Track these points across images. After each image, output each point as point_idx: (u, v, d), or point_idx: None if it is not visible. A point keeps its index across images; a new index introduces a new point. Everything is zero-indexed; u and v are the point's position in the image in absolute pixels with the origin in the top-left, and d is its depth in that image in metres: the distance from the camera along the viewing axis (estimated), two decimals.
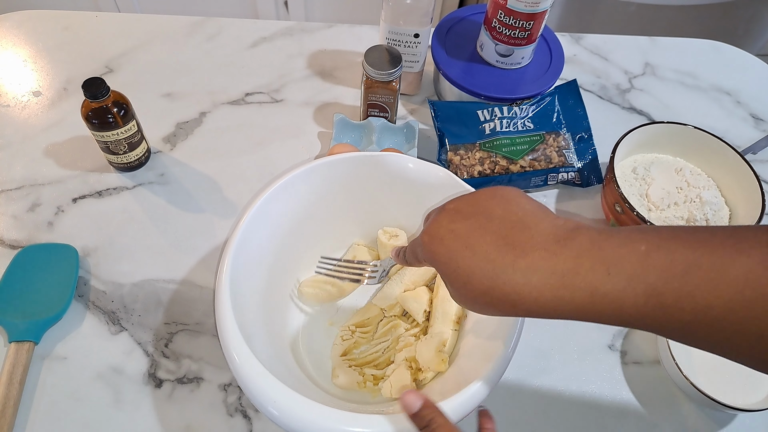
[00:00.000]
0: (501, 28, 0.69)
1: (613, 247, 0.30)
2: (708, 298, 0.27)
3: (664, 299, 0.28)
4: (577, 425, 0.54)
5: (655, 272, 0.29)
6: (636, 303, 0.29)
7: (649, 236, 0.30)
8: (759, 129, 0.82)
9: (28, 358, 0.53)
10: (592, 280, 0.30)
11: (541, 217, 0.34)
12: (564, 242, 0.32)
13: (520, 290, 0.32)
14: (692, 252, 0.28)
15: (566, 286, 0.31)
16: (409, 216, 0.58)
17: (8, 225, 0.64)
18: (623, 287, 0.29)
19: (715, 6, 1.28)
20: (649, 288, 0.29)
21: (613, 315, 0.30)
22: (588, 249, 0.31)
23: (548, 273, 0.31)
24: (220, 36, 0.86)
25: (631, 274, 0.29)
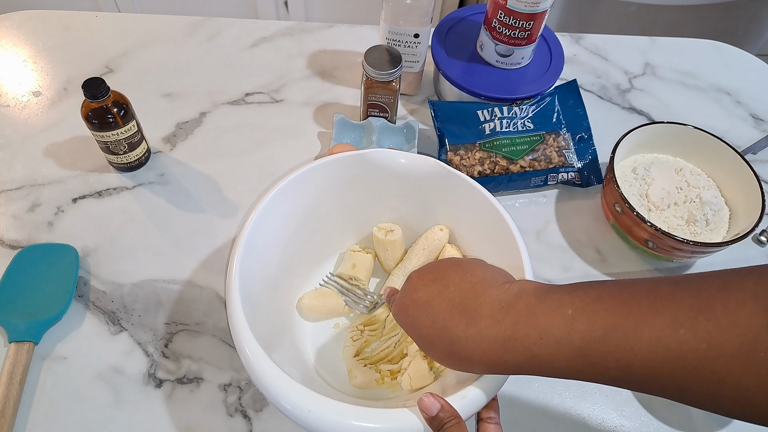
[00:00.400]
0: (501, 28, 0.69)
1: (545, 313, 0.34)
2: (627, 357, 0.30)
3: (590, 359, 0.32)
4: (577, 425, 0.54)
5: (578, 336, 0.32)
6: (567, 363, 0.33)
7: (577, 300, 0.33)
8: (759, 129, 0.82)
9: (28, 358, 0.53)
10: (528, 345, 0.34)
11: (489, 284, 0.38)
12: (506, 309, 0.36)
13: (473, 355, 0.36)
14: (611, 315, 0.31)
15: (508, 351, 0.35)
16: (408, 209, 0.59)
17: (8, 225, 0.64)
18: (554, 350, 0.33)
19: (715, 6, 1.28)
20: (575, 350, 0.32)
21: (551, 373, 0.34)
22: (525, 316, 0.35)
23: (493, 340, 0.35)
24: (220, 36, 0.86)
25: (559, 338, 0.33)
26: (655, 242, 0.60)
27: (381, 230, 0.58)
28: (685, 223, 0.63)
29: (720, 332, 0.28)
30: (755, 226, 0.60)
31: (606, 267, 0.65)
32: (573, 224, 0.69)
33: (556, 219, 0.69)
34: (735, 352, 0.27)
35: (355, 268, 0.58)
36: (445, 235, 0.58)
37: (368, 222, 0.60)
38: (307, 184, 0.54)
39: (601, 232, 0.68)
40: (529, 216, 0.69)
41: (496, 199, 0.52)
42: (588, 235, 0.68)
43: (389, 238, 0.57)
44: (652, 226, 0.59)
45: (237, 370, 0.55)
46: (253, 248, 0.48)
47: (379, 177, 0.56)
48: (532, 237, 0.67)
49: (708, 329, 0.28)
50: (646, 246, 0.62)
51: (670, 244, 0.59)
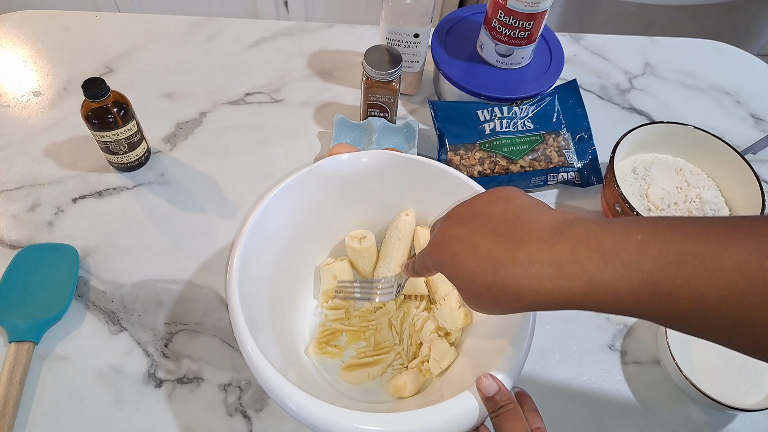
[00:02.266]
0: (501, 28, 0.69)
1: (610, 237, 0.31)
2: (702, 286, 0.28)
3: (659, 287, 0.29)
4: (577, 425, 0.54)
5: (650, 261, 0.29)
6: (633, 291, 0.30)
7: (646, 226, 0.30)
8: (759, 129, 0.82)
9: (28, 358, 0.53)
10: (590, 268, 0.31)
11: (538, 211, 0.35)
12: (561, 233, 0.32)
13: (521, 281, 0.32)
14: (687, 241, 0.29)
15: (564, 275, 0.31)
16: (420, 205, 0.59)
17: (8, 225, 0.64)
18: (620, 275, 0.30)
19: (715, 6, 1.28)
20: (645, 276, 0.29)
21: (611, 303, 0.31)
22: (585, 238, 0.31)
23: (546, 263, 0.32)
24: (220, 36, 0.86)
25: (627, 262, 0.30)
26: None
27: (354, 239, 0.57)
28: None
29: None
30: None
31: None
32: None
33: None
34: None
35: (337, 279, 0.57)
36: (411, 218, 0.58)
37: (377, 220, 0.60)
38: (305, 186, 0.54)
39: None
40: None
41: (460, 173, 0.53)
42: None
43: (364, 245, 0.56)
44: None
45: (237, 370, 0.55)
46: (252, 249, 0.48)
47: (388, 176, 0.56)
48: None
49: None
50: None
51: None
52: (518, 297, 0.33)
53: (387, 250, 0.57)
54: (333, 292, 0.56)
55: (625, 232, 0.31)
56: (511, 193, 0.38)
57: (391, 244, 0.57)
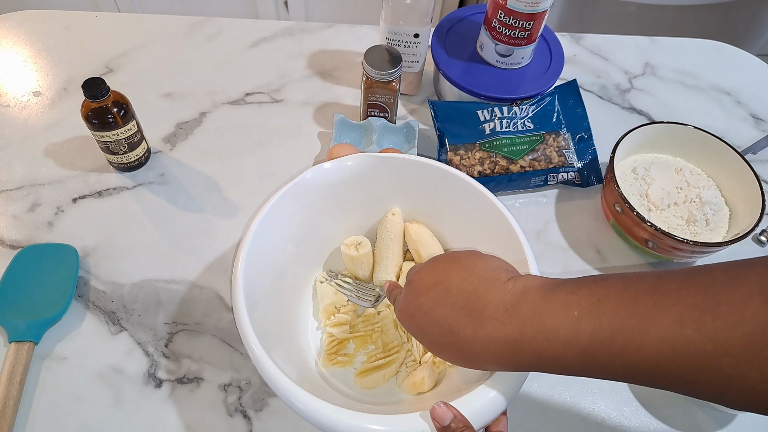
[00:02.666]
0: (501, 28, 0.69)
1: (551, 314, 0.34)
2: (634, 357, 0.31)
3: (597, 359, 0.32)
4: (577, 426, 0.54)
5: (585, 336, 0.32)
6: (575, 362, 0.33)
7: (582, 299, 0.33)
8: (759, 129, 0.82)
9: (28, 358, 0.53)
10: (536, 347, 0.34)
11: (493, 284, 0.38)
12: (511, 311, 0.36)
13: (483, 356, 0.37)
14: (617, 315, 0.31)
15: (516, 353, 0.35)
16: (421, 213, 0.59)
17: (8, 225, 0.64)
18: (562, 351, 0.33)
19: (715, 6, 1.28)
20: (582, 350, 0.33)
21: (559, 371, 0.35)
22: (531, 318, 0.35)
23: (501, 343, 0.36)
24: (220, 36, 0.86)
25: (566, 340, 0.33)
26: (655, 242, 0.60)
27: (350, 247, 0.56)
28: (685, 223, 0.63)
29: (726, 330, 0.28)
30: (755, 226, 0.60)
31: (606, 267, 0.65)
32: (573, 224, 0.69)
33: (556, 219, 0.69)
34: (741, 349, 0.27)
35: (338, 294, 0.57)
36: (399, 217, 0.58)
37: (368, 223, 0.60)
38: (307, 191, 0.54)
39: (601, 232, 0.68)
40: (529, 216, 0.69)
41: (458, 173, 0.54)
42: (588, 235, 0.68)
43: (362, 251, 0.56)
44: (652, 226, 0.59)
45: (237, 370, 0.55)
46: (257, 251, 0.48)
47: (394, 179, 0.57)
48: (532, 237, 0.67)
49: (714, 328, 0.28)
50: (646, 246, 0.62)
51: (670, 244, 0.59)
52: (482, 366, 0.38)
53: (382, 253, 0.57)
54: (333, 307, 0.56)
55: (564, 307, 0.34)
56: (470, 260, 0.41)
57: (384, 246, 0.57)
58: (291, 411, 0.52)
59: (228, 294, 0.60)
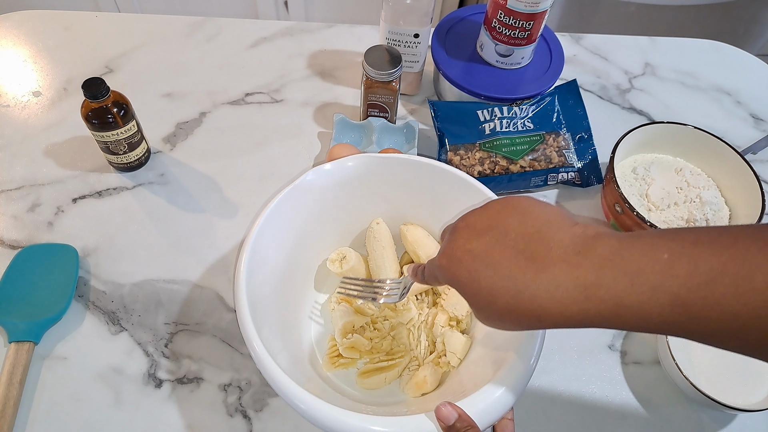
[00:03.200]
0: (501, 28, 0.69)
1: (635, 257, 0.30)
2: (734, 306, 0.27)
3: (689, 308, 0.28)
4: (577, 425, 0.54)
5: (678, 281, 0.28)
6: (662, 313, 0.29)
7: (672, 243, 0.29)
8: (759, 129, 0.82)
9: (28, 358, 0.53)
10: (616, 291, 0.30)
11: (558, 227, 0.33)
12: (585, 253, 0.31)
13: (545, 305, 0.31)
14: (716, 259, 0.28)
15: (590, 299, 0.30)
16: (422, 213, 0.59)
17: (8, 225, 0.64)
18: (648, 298, 0.29)
19: (715, 6, 1.28)
20: (673, 298, 0.28)
21: (639, 324, 0.30)
22: (610, 259, 0.30)
23: (571, 286, 0.31)
24: (220, 36, 0.86)
25: (655, 284, 0.29)
26: None
27: (334, 263, 0.55)
28: (685, 223, 0.63)
29: None
30: None
31: None
32: None
33: None
34: None
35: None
36: (383, 225, 0.58)
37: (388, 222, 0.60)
38: (308, 192, 0.54)
39: None
40: None
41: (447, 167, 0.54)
42: None
43: (346, 267, 0.55)
44: (652, 226, 0.59)
45: (237, 370, 0.55)
46: (260, 252, 0.48)
47: (400, 179, 0.57)
48: None
49: None
50: None
51: None
52: (541, 319, 0.32)
53: (377, 263, 0.57)
54: (351, 326, 0.55)
55: (651, 250, 0.30)
56: (527, 203, 0.36)
57: (378, 257, 0.57)
58: (291, 411, 0.52)
59: (228, 294, 0.60)
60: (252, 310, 0.44)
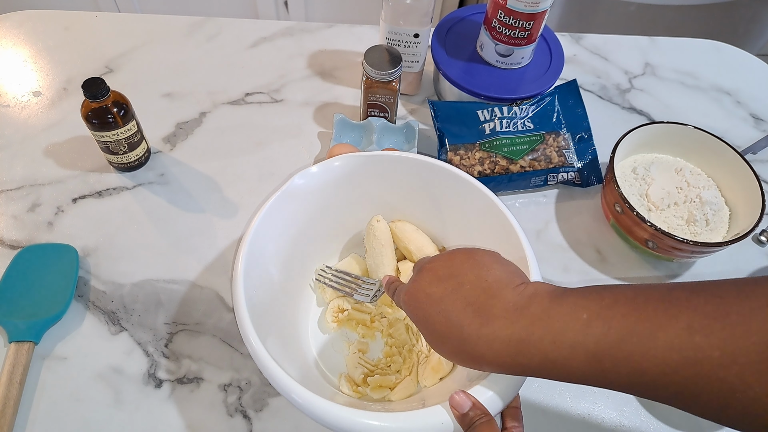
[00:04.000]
0: (501, 28, 0.69)
1: (560, 317, 0.34)
2: (641, 363, 0.30)
3: (603, 364, 0.32)
4: (577, 426, 0.54)
5: (593, 340, 0.32)
6: (579, 367, 0.33)
7: (591, 304, 0.33)
8: (759, 129, 0.82)
9: (28, 358, 0.53)
10: (542, 348, 0.34)
11: (505, 285, 0.38)
12: (521, 311, 0.36)
13: (485, 354, 0.36)
14: (626, 320, 0.31)
15: (521, 353, 0.35)
16: (418, 212, 0.59)
17: (8, 225, 0.64)
18: (568, 354, 0.33)
19: (715, 6, 1.28)
20: (589, 355, 0.32)
21: (562, 377, 0.34)
22: (539, 318, 0.34)
23: (506, 341, 0.35)
24: (220, 36, 0.86)
25: (573, 342, 0.33)
26: (655, 242, 0.60)
27: (320, 284, 0.57)
28: (685, 223, 0.63)
29: (734, 340, 0.28)
30: (755, 226, 0.60)
31: (606, 267, 0.65)
32: (573, 224, 0.69)
33: (556, 219, 0.69)
34: (748, 360, 0.27)
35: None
36: (383, 222, 0.58)
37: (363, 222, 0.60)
38: (297, 197, 0.54)
39: (601, 232, 0.68)
40: (529, 216, 0.69)
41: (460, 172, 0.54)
42: (588, 235, 0.68)
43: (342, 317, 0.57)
44: (652, 226, 0.59)
45: (237, 370, 0.55)
46: (257, 248, 0.48)
47: (398, 177, 0.57)
48: (532, 237, 0.67)
49: (722, 337, 0.28)
50: (646, 246, 0.62)
51: (670, 244, 0.59)
52: (481, 365, 0.37)
53: (376, 261, 0.57)
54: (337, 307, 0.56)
55: (573, 310, 0.34)
56: (486, 259, 0.41)
57: (377, 254, 0.57)
58: (291, 411, 0.52)
59: (228, 294, 0.60)
60: (250, 309, 0.44)
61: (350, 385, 0.52)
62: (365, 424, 0.38)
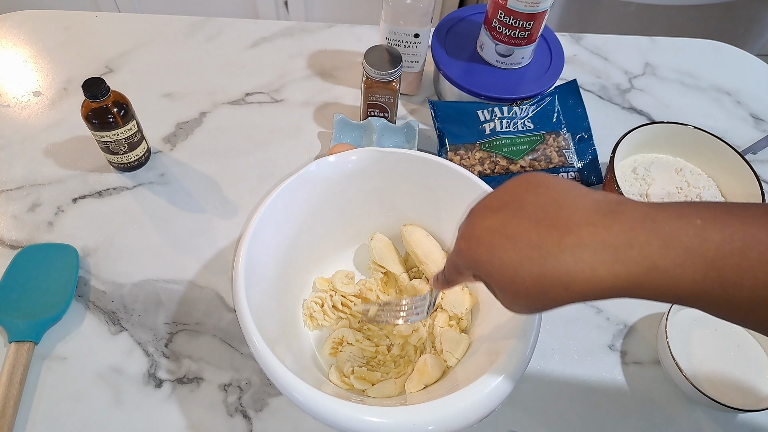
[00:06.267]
0: (501, 28, 0.69)
1: (668, 220, 0.29)
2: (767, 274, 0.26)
3: (722, 274, 0.27)
4: (577, 426, 0.54)
5: (713, 247, 0.28)
6: (694, 278, 0.28)
7: (703, 211, 0.29)
8: (759, 129, 0.82)
9: (28, 358, 0.53)
10: (649, 253, 0.28)
11: (577, 193, 0.32)
12: (612, 215, 0.30)
13: (572, 269, 0.30)
14: (749, 228, 0.27)
15: (621, 261, 0.29)
16: (424, 211, 0.59)
17: (8, 225, 0.64)
18: (682, 261, 0.28)
19: (715, 6, 1.28)
20: (708, 262, 0.28)
21: (669, 291, 0.29)
22: (641, 221, 0.29)
23: (600, 248, 0.29)
24: (220, 36, 0.86)
25: (689, 248, 0.28)
26: None
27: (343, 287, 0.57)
28: None
29: None
30: None
31: None
32: None
33: None
34: None
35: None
36: (378, 239, 0.59)
37: (386, 219, 0.61)
38: (311, 184, 0.54)
39: None
40: None
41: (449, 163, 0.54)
42: None
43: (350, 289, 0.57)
44: None
45: (237, 370, 0.55)
46: (258, 246, 0.49)
47: (399, 175, 0.57)
48: None
49: None
50: None
51: None
52: (568, 287, 0.30)
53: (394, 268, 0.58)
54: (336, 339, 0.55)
55: (683, 215, 0.29)
56: (541, 178, 0.34)
57: (394, 261, 0.58)
58: (291, 411, 0.52)
59: (228, 294, 0.60)
60: (251, 304, 0.44)
61: (339, 375, 0.52)
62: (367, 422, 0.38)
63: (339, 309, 0.56)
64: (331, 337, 0.55)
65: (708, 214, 0.28)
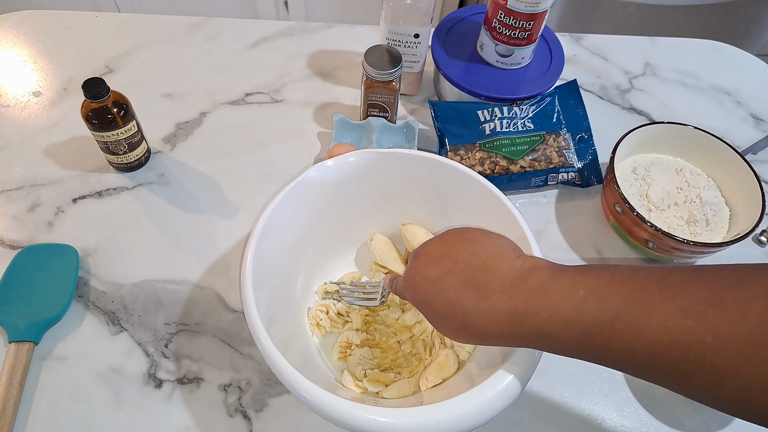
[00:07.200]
0: (501, 28, 0.69)
1: (557, 292, 0.35)
2: (633, 341, 0.31)
3: (596, 340, 0.33)
4: (577, 426, 0.54)
5: (588, 316, 0.33)
6: (574, 342, 0.34)
7: (589, 281, 0.34)
8: (759, 129, 0.82)
9: (28, 358, 0.53)
10: (538, 321, 0.35)
11: (500, 260, 0.39)
12: (518, 285, 0.37)
13: (485, 328, 0.37)
14: (622, 299, 0.32)
15: (518, 326, 0.36)
16: (427, 210, 0.59)
17: (8, 225, 0.64)
18: (563, 329, 0.34)
19: (715, 6, 1.28)
20: (583, 330, 0.33)
21: (557, 349, 0.35)
22: (536, 293, 0.35)
23: (504, 315, 0.36)
24: (220, 36, 0.86)
25: (569, 318, 0.34)
26: (656, 242, 0.60)
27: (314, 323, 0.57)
28: (686, 224, 0.63)
29: (727, 326, 0.28)
30: (755, 226, 0.60)
31: None
32: (573, 224, 0.69)
33: (556, 219, 0.69)
34: (740, 346, 0.27)
35: None
36: (377, 240, 0.59)
37: (388, 218, 0.61)
38: (310, 189, 0.54)
39: (601, 232, 0.68)
40: (529, 216, 0.69)
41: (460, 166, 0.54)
42: (588, 235, 0.68)
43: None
44: (653, 226, 0.59)
45: (237, 370, 0.55)
46: (261, 257, 0.48)
47: (402, 176, 0.57)
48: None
49: (716, 322, 0.28)
50: (647, 246, 0.62)
51: (671, 244, 0.59)
52: (483, 339, 0.38)
53: (388, 263, 0.59)
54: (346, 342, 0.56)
55: (571, 287, 0.34)
56: (479, 236, 0.42)
57: (391, 257, 0.59)
58: (291, 411, 0.52)
59: (228, 294, 0.60)
60: (259, 307, 0.44)
61: (353, 380, 0.52)
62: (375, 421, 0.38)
63: (344, 315, 0.56)
64: (338, 341, 0.55)
65: (592, 285, 0.34)
